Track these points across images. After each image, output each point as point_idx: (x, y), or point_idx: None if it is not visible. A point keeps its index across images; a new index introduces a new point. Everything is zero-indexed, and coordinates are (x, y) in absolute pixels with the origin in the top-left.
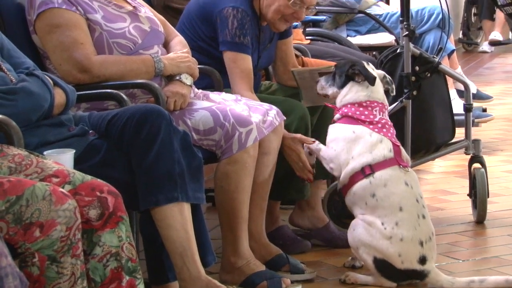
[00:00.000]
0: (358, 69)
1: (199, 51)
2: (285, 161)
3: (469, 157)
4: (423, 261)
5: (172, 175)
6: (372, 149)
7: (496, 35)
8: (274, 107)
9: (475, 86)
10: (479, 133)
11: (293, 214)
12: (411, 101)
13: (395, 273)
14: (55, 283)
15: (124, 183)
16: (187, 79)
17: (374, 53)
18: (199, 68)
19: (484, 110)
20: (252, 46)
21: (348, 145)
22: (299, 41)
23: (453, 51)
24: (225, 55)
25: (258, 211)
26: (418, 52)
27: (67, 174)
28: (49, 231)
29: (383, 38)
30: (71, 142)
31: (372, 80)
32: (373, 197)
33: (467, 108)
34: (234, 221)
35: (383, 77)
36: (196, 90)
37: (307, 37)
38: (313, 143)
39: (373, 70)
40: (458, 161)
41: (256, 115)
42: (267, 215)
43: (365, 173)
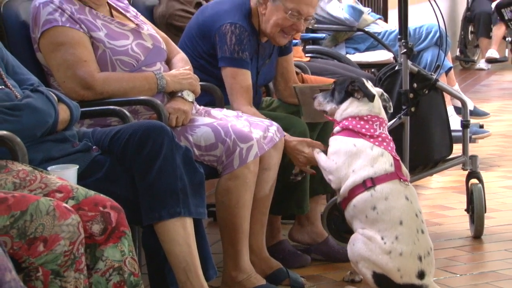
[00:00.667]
0: (358, 85)
1: (199, 68)
2: (285, 175)
3: (466, 172)
4: (421, 275)
5: (174, 190)
6: (374, 163)
7: (493, 52)
8: (274, 123)
9: (472, 103)
10: (476, 149)
11: (293, 229)
12: (409, 117)
13: (394, 287)
14: None
15: (126, 198)
16: (189, 96)
17: (373, 70)
18: (200, 85)
19: (481, 126)
20: (251, 61)
21: (349, 159)
22: (299, 59)
23: (450, 68)
24: (224, 71)
25: (259, 226)
26: (416, 69)
27: (70, 190)
28: (52, 246)
29: (381, 55)
30: (75, 158)
31: (372, 97)
32: (373, 210)
33: (465, 125)
34: (235, 236)
35: (381, 94)
36: (197, 106)
37: (306, 55)
38: (317, 148)
39: (372, 88)
40: (456, 176)
41: (257, 131)
42: (268, 230)
43: (366, 186)
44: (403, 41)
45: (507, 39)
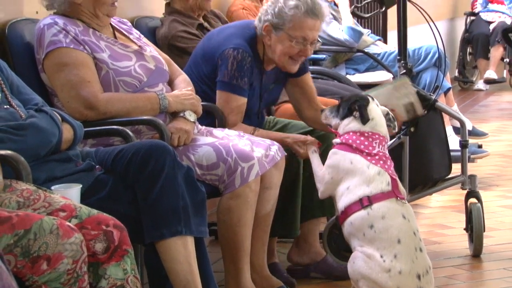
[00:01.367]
0: (358, 106)
1: (201, 94)
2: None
3: (465, 192)
4: None
5: (176, 209)
6: (370, 182)
7: (491, 73)
8: (275, 142)
9: (471, 123)
10: (475, 168)
11: (291, 251)
12: (408, 137)
13: None
14: None
15: (129, 217)
16: (191, 116)
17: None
18: (202, 105)
19: (480, 146)
20: (251, 87)
21: (345, 176)
22: None
23: (449, 89)
24: (219, 94)
25: (260, 244)
26: (415, 89)
27: (73, 209)
28: (56, 264)
29: (381, 76)
30: (78, 177)
31: (365, 120)
32: (371, 228)
33: (463, 145)
34: (236, 254)
35: (386, 114)
36: (199, 126)
37: None
38: (314, 147)
39: (378, 106)
40: (455, 196)
41: (259, 149)
42: None
43: (363, 204)
44: (402, 62)
45: (505, 60)
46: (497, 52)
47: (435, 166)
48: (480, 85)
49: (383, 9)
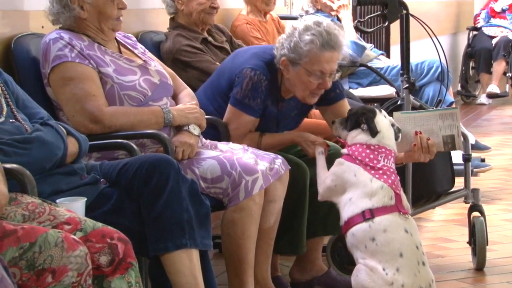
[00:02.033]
0: (365, 119)
1: (218, 109)
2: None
3: (468, 205)
4: None
5: (180, 222)
6: (372, 196)
7: (494, 88)
8: (280, 156)
9: (474, 137)
10: (478, 182)
11: (293, 269)
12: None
13: None
14: None
15: (133, 230)
16: (195, 130)
17: (375, 104)
18: (206, 118)
19: (483, 160)
20: (265, 109)
21: (348, 187)
22: None
23: (452, 103)
24: (230, 109)
25: (264, 257)
26: (418, 104)
27: (78, 222)
28: (61, 277)
29: (384, 90)
30: (83, 190)
31: (374, 133)
32: (373, 241)
33: (466, 158)
34: (240, 267)
35: (392, 124)
36: (204, 140)
37: None
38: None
39: (385, 117)
40: (458, 209)
41: (263, 163)
42: None
43: (365, 216)
44: (405, 76)
45: (507, 74)
46: (499, 66)
47: (438, 180)
48: (483, 99)
49: (386, 23)
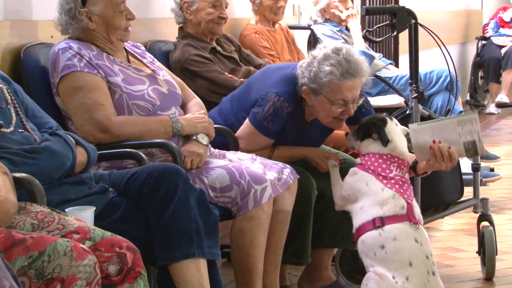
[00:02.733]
0: (375, 128)
1: (241, 121)
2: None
3: (477, 215)
4: None
5: (188, 232)
6: (383, 205)
7: (503, 97)
8: (288, 166)
9: None
10: (487, 192)
11: (301, 278)
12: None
13: None
14: None
15: (142, 239)
16: (204, 139)
17: (384, 114)
18: (215, 127)
19: (492, 170)
20: (285, 130)
21: (360, 196)
22: None
23: (461, 112)
24: (247, 124)
25: (272, 266)
26: (427, 113)
27: (87, 231)
28: (70, 286)
29: (392, 99)
30: (92, 200)
31: (386, 142)
32: (382, 249)
33: (475, 168)
34: (249, 276)
35: (406, 134)
36: (212, 149)
37: None
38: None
39: (397, 126)
40: (467, 219)
41: (272, 173)
42: None
43: (375, 224)
44: (414, 85)
45: None
46: (508, 76)
47: (447, 190)
48: (492, 108)
49: (395, 33)
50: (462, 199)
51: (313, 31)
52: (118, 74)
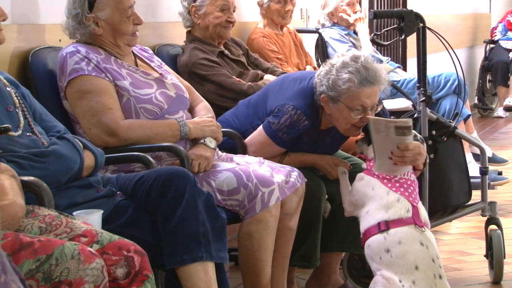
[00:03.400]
0: None
1: (251, 131)
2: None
3: (485, 218)
4: None
5: (196, 235)
6: (388, 208)
7: (511, 101)
8: (296, 169)
9: (491, 150)
10: (495, 195)
11: (309, 282)
12: (428, 164)
13: None
14: None
15: (149, 243)
16: (211, 143)
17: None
18: (223, 131)
19: (500, 173)
20: (299, 140)
21: (366, 200)
22: None
23: (469, 116)
24: (260, 132)
25: (280, 270)
26: (434, 117)
27: (95, 234)
28: None
29: (400, 103)
30: (99, 203)
31: None
32: (387, 252)
33: (483, 171)
34: (257, 280)
35: (414, 136)
36: (220, 153)
37: None
38: (344, 168)
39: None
40: (475, 222)
41: (279, 175)
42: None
43: (380, 228)
44: (422, 89)
45: None
46: None
47: (454, 193)
48: (500, 112)
49: (403, 37)
50: (470, 202)
51: (321, 35)
52: (126, 77)
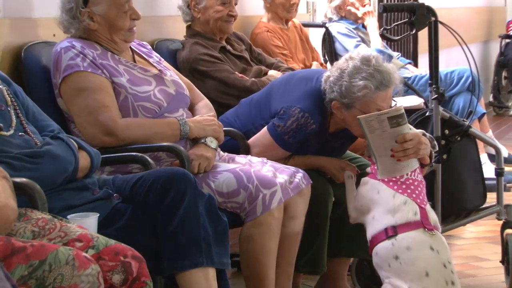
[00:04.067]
0: None
1: (259, 129)
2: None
3: (501, 222)
4: None
5: (197, 240)
6: (395, 212)
7: None
8: (301, 170)
9: (507, 150)
10: (511, 198)
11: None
12: (441, 165)
13: None
14: None
15: (148, 248)
16: (212, 143)
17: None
18: (225, 130)
19: None
20: (305, 143)
21: (373, 205)
22: None
23: (483, 114)
24: (265, 133)
25: (285, 277)
26: (447, 115)
27: (90, 239)
28: None
29: (412, 101)
30: (95, 206)
31: None
32: (396, 259)
33: (499, 173)
34: (260, 285)
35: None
36: (221, 153)
37: None
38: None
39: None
40: (490, 226)
41: (283, 176)
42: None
43: (387, 234)
44: (434, 86)
45: None
46: None
47: (469, 196)
48: None
49: (414, 31)
50: (485, 205)
51: (328, 29)
52: (123, 74)
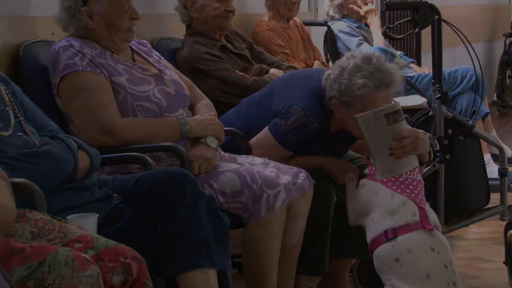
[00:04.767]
0: None
1: (259, 128)
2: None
3: (504, 223)
4: None
5: (197, 241)
6: (394, 214)
7: None
8: (303, 170)
9: (510, 150)
10: None
11: None
12: (443, 165)
13: None
14: None
15: (148, 249)
16: (213, 143)
17: (406, 115)
18: (226, 130)
19: None
20: (306, 143)
21: (371, 207)
22: None
23: (487, 114)
24: (266, 133)
25: (286, 277)
26: (451, 115)
27: (90, 239)
28: None
29: (414, 100)
30: (95, 207)
31: None
32: (397, 262)
33: (502, 173)
34: (262, 286)
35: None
36: (222, 153)
37: None
38: (352, 174)
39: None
40: (494, 227)
41: (286, 176)
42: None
43: (387, 236)
44: (437, 85)
45: None
46: None
47: (472, 196)
48: None
49: (417, 30)
50: (488, 206)
51: (330, 28)
52: (123, 73)
